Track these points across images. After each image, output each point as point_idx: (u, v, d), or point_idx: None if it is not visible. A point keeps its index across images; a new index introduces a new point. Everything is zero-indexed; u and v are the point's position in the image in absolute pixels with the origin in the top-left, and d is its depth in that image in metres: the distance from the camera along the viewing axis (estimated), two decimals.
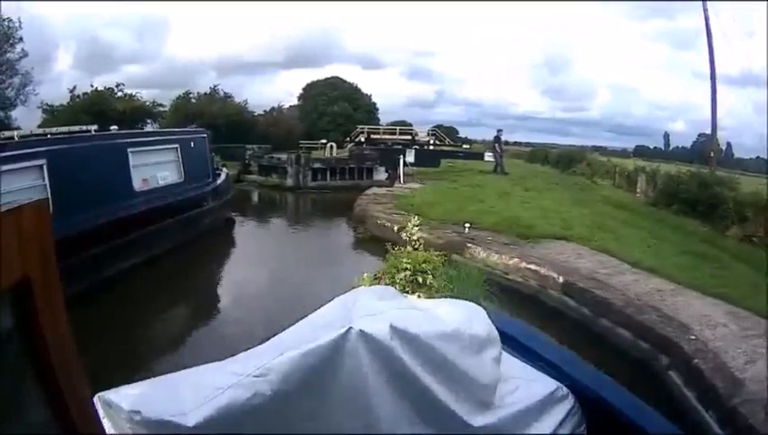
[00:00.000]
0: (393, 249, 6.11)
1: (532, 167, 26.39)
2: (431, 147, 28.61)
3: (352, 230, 12.33)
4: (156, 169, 9.89)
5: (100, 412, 1.21)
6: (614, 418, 1.71)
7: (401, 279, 5.52)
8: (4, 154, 6.62)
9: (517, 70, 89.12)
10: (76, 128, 9.20)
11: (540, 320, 6.13)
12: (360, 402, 1.36)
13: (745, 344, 5.14)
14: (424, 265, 5.74)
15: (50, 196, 6.43)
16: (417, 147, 25.80)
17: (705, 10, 19.95)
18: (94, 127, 9.32)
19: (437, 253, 6.15)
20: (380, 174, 20.62)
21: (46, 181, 6.92)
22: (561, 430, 1.70)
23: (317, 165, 21.20)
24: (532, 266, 7.23)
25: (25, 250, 0.71)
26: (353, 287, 2.09)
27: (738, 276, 7.70)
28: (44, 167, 6.95)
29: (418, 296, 4.72)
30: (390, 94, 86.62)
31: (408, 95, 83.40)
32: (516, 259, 7.46)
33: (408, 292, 5.06)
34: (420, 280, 5.56)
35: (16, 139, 7.87)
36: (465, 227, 9.33)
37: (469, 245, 8.52)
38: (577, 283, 6.69)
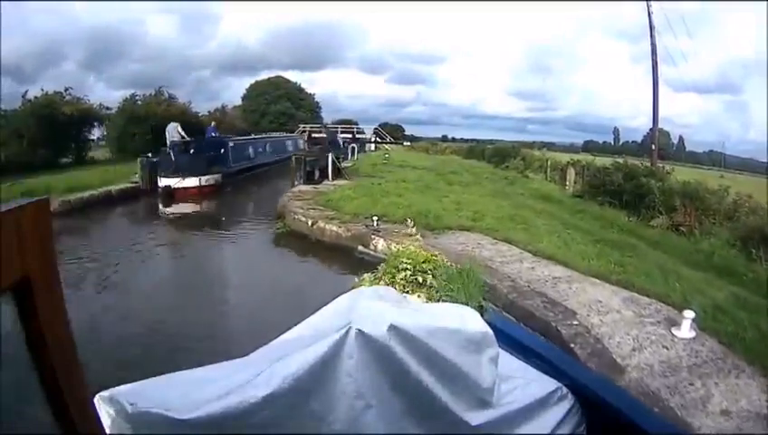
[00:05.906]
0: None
1: (467, 163, 26.42)
2: (372, 144, 28.72)
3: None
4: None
5: (100, 412, 1.19)
6: (613, 418, 1.72)
7: (401, 279, 5.45)
8: None
9: (497, 74, 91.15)
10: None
11: None
12: (360, 403, 1.36)
13: (637, 331, 4.92)
14: (424, 265, 5.65)
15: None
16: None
17: (650, 17, 22.01)
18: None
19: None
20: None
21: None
22: (560, 430, 1.72)
23: None
24: None
25: (25, 250, 0.70)
26: (354, 287, 2.08)
27: (650, 264, 7.49)
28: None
29: (418, 297, 4.90)
30: (372, 96, 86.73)
31: (387, 96, 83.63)
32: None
33: (408, 292, 5.10)
34: (420, 280, 5.46)
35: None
36: (373, 220, 9.14)
37: (373, 236, 8.50)
38: None
